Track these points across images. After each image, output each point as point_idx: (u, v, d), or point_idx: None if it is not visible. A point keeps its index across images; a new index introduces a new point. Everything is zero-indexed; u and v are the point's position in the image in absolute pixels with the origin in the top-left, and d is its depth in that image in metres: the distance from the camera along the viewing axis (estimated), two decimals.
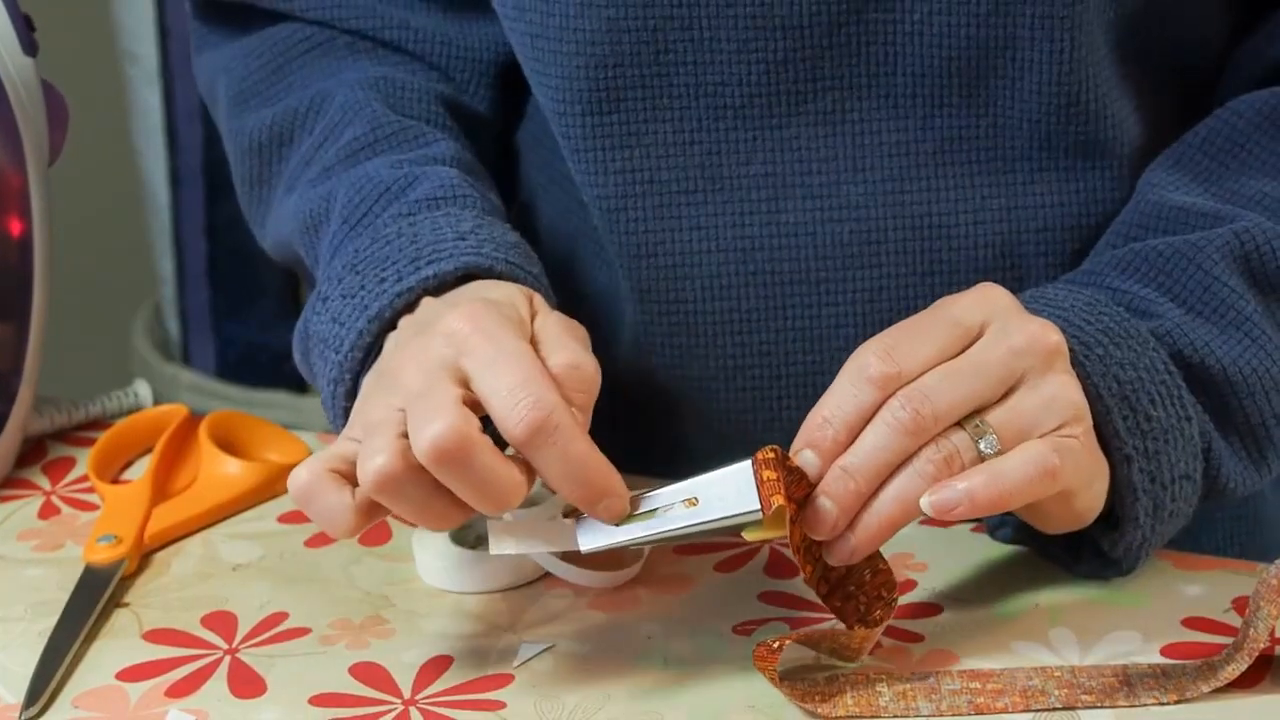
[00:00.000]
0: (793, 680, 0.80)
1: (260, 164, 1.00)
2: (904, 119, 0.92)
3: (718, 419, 0.97)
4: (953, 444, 0.79)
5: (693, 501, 0.78)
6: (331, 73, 1.00)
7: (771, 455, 0.78)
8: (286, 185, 0.98)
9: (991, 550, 0.89)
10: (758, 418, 0.97)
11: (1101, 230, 0.94)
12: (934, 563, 0.89)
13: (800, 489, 0.78)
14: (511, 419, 0.77)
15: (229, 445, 0.99)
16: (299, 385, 2.12)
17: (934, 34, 0.90)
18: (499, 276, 0.86)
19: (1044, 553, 0.88)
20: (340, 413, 0.87)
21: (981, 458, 0.79)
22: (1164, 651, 0.82)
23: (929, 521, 0.85)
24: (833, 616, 0.83)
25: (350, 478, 0.79)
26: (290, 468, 0.95)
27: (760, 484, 0.78)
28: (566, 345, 0.81)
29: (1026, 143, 0.93)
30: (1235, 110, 0.93)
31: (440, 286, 0.86)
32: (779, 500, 0.77)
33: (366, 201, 0.92)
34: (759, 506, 0.77)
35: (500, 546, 0.80)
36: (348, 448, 0.80)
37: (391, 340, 0.85)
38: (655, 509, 0.79)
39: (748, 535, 0.79)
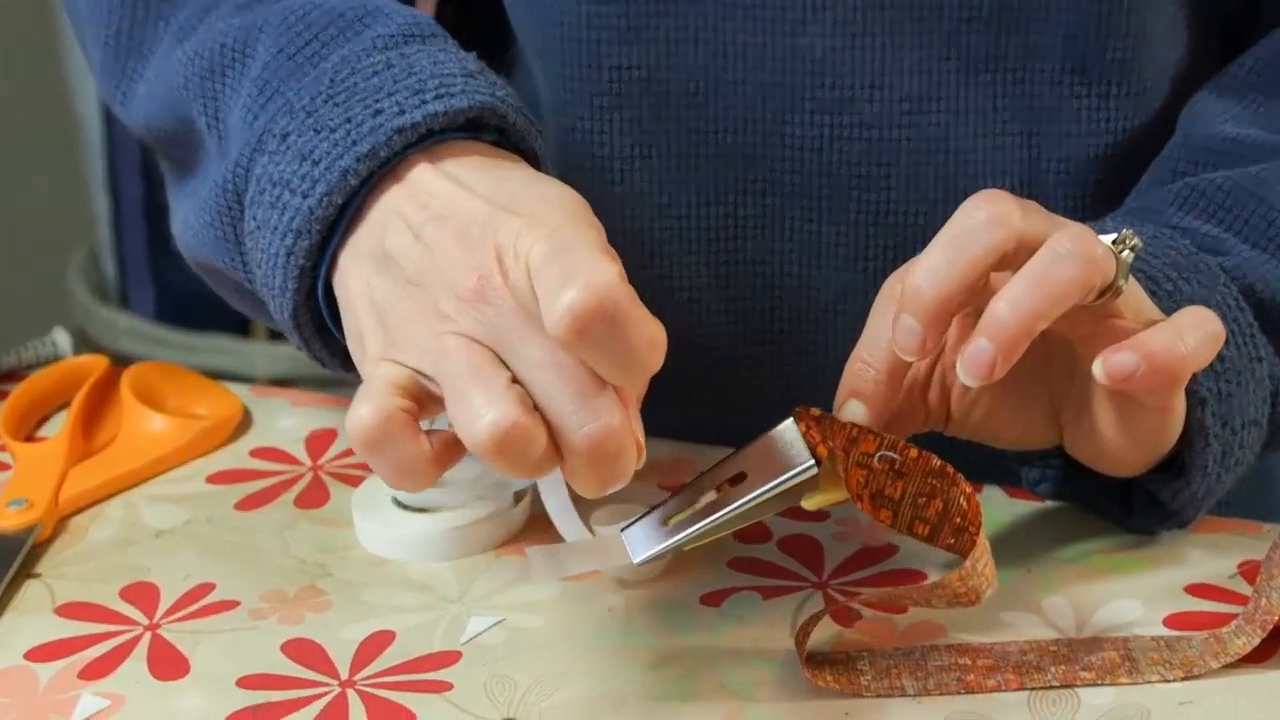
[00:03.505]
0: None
1: (134, 13, 0.88)
2: (929, 34, 0.90)
3: (707, 330, 0.96)
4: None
5: (740, 477, 0.74)
6: None
7: (805, 410, 0.74)
8: (176, 36, 0.86)
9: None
10: (748, 328, 0.96)
11: (1125, 163, 0.93)
12: None
13: (841, 438, 0.74)
14: (578, 438, 0.68)
15: (153, 399, 0.96)
16: (242, 329, 2.09)
17: None
18: (510, 127, 0.77)
19: (1091, 506, 0.86)
20: (294, 274, 0.76)
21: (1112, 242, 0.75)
22: (1167, 622, 0.80)
23: None
24: (801, 583, 0.81)
25: (416, 414, 0.70)
26: (220, 424, 0.95)
27: (805, 436, 0.73)
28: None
29: (1057, 64, 0.91)
30: None
31: (445, 132, 0.75)
32: (831, 444, 0.73)
33: (313, 28, 0.80)
34: (811, 459, 0.73)
35: (545, 574, 0.77)
36: (399, 374, 0.70)
37: (390, 218, 0.74)
38: (701, 498, 0.74)
39: (807, 503, 0.75)
